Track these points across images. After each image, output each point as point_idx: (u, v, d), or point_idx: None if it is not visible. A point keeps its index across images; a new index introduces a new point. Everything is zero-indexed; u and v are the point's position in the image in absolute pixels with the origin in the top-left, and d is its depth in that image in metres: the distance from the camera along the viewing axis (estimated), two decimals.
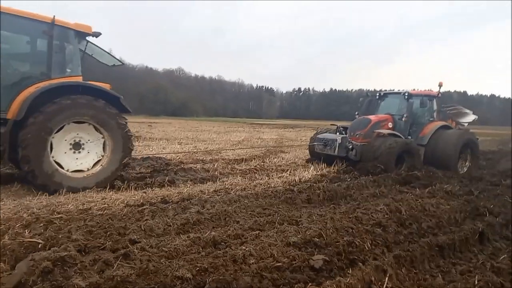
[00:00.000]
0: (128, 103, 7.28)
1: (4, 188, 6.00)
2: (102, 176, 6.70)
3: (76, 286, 2.91)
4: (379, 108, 12.27)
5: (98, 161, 6.79)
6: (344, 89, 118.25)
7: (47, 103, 6.12)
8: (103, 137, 6.79)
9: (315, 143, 11.39)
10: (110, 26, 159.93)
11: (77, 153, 6.59)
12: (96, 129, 6.72)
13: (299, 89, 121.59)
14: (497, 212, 5.96)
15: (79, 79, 6.91)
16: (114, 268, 3.29)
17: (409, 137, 11.16)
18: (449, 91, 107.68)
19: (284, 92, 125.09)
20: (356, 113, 12.30)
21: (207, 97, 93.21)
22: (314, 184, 7.32)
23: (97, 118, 6.59)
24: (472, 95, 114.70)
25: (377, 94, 12.48)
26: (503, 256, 4.07)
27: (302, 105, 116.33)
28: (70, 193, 5.91)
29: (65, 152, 6.47)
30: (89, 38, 7.36)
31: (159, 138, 17.51)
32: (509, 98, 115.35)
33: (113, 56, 8.74)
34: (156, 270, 3.31)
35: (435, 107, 11.83)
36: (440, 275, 3.79)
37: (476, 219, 5.78)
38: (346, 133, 11.10)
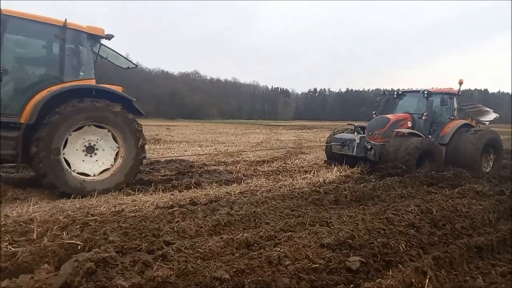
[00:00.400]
0: (145, 107, 7.27)
1: (37, 191, 6.13)
2: (112, 181, 6.58)
3: (119, 287, 2.95)
4: (397, 107, 11.98)
5: (110, 166, 6.69)
6: (361, 89, 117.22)
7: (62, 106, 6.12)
8: (116, 142, 6.72)
9: (332, 143, 11.16)
10: (127, 30, 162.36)
11: (90, 156, 6.55)
12: (110, 132, 6.65)
13: (315, 89, 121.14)
14: None
15: (93, 82, 6.88)
16: (154, 269, 3.32)
17: (429, 136, 10.85)
18: (469, 89, 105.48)
19: (300, 93, 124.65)
20: (374, 112, 12.04)
21: (222, 100, 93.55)
22: (340, 185, 7.27)
23: (111, 122, 6.54)
24: (494, 93, 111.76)
25: (395, 93, 12.16)
26: None
27: (317, 106, 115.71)
28: (101, 195, 6.00)
29: (83, 160, 6.47)
30: (103, 41, 7.35)
31: (179, 141, 17.67)
32: None
33: (126, 59, 8.74)
34: (194, 271, 3.33)
35: (455, 105, 11.56)
36: (480, 277, 3.71)
37: (510, 219, 5.65)
38: (364, 133, 10.87)
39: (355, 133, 10.99)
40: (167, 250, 3.73)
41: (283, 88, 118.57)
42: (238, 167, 9.62)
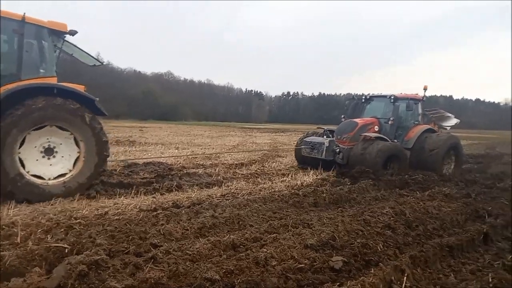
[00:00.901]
0: (116, 107, 7.13)
1: None
2: (74, 183, 6.29)
3: None
4: (365, 111, 12.28)
5: (68, 170, 6.36)
6: (333, 94, 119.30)
7: (17, 105, 5.76)
8: (76, 142, 6.40)
9: (302, 147, 11.35)
10: (98, 29, 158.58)
11: (49, 159, 6.22)
12: (67, 132, 6.33)
13: (288, 93, 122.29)
14: (496, 214, 6.20)
15: (54, 80, 6.49)
16: (145, 271, 3.39)
17: (395, 140, 11.20)
18: (435, 95, 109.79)
19: (273, 96, 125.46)
20: (342, 116, 12.29)
21: (196, 101, 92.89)
22: (318, 188, 7.50)
23: (68, 121, 6.18)
24: (458, 99, 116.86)
25: (363, 97, 12.42)
26: None
27: (291, 109, 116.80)
28: (84, 198, 5.95)
29: (37, 160, 6.10)
30: (70, 38, 7.07)
31: (154, 143, 17.50)
32: (493, 102, 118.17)
33: (92, 56, 8.43)
34: (185, 272, 3.43)
35: (420, 110, 11.96)
36: (452, 274, 3.98)
37: (477, 221, 6.02)
38: (333, 137, 11.10)
39: (324, 137, 11.25)
40: (156, 253, 3.79)
41: (257, 91, 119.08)
42: (217, 170, 9.70)
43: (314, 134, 12.09)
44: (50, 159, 6.25)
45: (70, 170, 6.40)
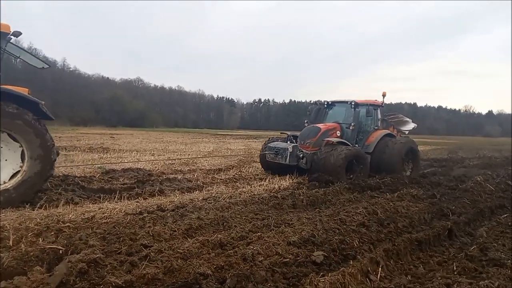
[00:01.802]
0: (83, 113, 6.97)
1: None
2: (18, 189, 5.96)
3: (113, 284, 3.19)
4: (327, 116, 12.50)
5: (15, 173, 6.06)
6: (303, 100, 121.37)
7: None
8: (20, 147, 6.07)
9: (266, 152, 11.35)
10: (64, 33, 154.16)
11: None
12: (12, 138, 6.03)
13: (259, 100, 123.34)
14: (459, 212, 6.74)
15: None
16: (141, 268, 3.58)
17: (356, 145, 11.50)
18: (400, 102, 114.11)
19: (245, 103, 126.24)
20: (305, 121, 12.44)
21: (166, 108, 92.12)
22: (295, 191, 7.84)
23: (10, 125, 5.87)
24: (422, 106, 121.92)
25: (325, 103, 12.61)
26: (473, 247, 4.74)
27: (262, 116, 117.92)
28: (69, 204, 6.00)
29: None
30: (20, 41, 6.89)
31: (129, 149, 17.38)
32: (454, 109, 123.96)
33: (39, 59, 8.28)
34: (179, 268, 3.65)
35: (379, 116, 12.31)
36: (421, 265, 4.40)
37: (442, 219, 6.52)
38: (296, 142, 11.25)
39: (288, 142, 11.37)
40: (148, 252, 3.98)
41: (228, 98, 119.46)
42: (196, 175, 9.88)
43: (279, 139, 12.23)
44: None
45: (13, 175, 6.05)
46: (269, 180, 9.65)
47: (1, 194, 5.78)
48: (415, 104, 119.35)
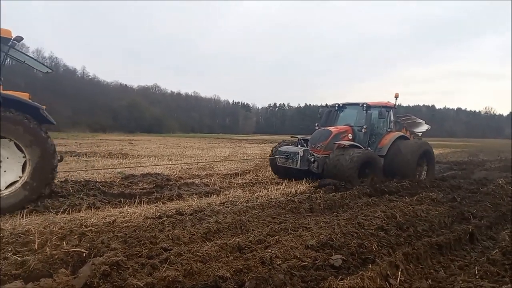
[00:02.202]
0: (102, 120, 6.99)
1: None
2: (19, 195, 5.95)
3: (135, 286, 3.26)
4: (338, 119, 12.25)
5: (15, 181, 6.02)
6: (319, 104, 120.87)
7: None
8: (22, 153, 6.07)
9: (276, 156, 11.09)
10: (83, 42, 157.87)
11: None
12: (15, 145, 6.03)
13: (275, 104, 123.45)
14: (480, 216, 6.61)
15: None
16: (162, 271, 3.65)
17: (369, 148, 11.18)
18: (418, 105, 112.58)
19: (260, 107, 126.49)
20: (316, 124, 12.19)
21: (182, 114, 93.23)
22: (312, 195, 7.84)
23: (10, 131, 5.87)
24: (440, 108, 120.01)
25: (336, 106, 12.35)
26: (496, 251, 4.65)
27: (277, 121, 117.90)
28: (91, 208, 6.15)
29: None
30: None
31: (147, 155, 17.65)
32: (474, 111, 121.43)
33: (44, 64, 8.35)
34: (199, 271, 3.71)
35: (392, 118, 12.03)
36: (442, 270, 4.34)
37: (463, 222, 6.41)
38: (307, 146, 11.02)
39: (299, 146, 11.11)
40: (168, 255, 4.05)
41: (244, 103, 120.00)
42: (213, 180, 9.97)
43: (290, 143, 11.98)
44: None
45: (15, 182, 6.02)
46: (285, 184, 9.66)
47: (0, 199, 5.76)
48: (433, 106, 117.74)
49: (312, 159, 10.44)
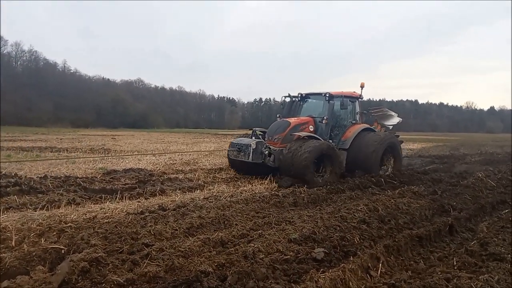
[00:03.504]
0: (85, 116, 6.96)
1: (2, 202, 6.02)
2: None
3: (115, 282, 3.21)
4: (302, 110, 11.47)
5: None
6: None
7: None
8: None
9: (229, 149, 10.48)
10: (64, 34, 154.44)
11: None
12: None
13: (260, 99, 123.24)
14: (460, 208, 6.74)
15: None
16: (143, 266, 3.61)
17: (330, 140, 10.46)
18: (401, 99, 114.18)
19: (246, 102, 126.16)
20: (278, 115, 11.49)
21: (167, 109, 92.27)
22: (296, 189, 7.84)
23: None
24: (423, 103, 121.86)
25: (299, 96, 11.56)
26: (474, 242, 4.75)
27: (263, 115, 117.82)
28: (71, 204, 6.03)
29: None
30: None
31: (130, 150, 17.44)
32: (456, 106, 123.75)
33: None
34: (180, 266, 3.68)
35: (357, 109, 11.35)
36: (422, 261, 4.41)
37: (443, 215, 6.52)
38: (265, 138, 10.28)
39: (253, 138, 10.40)
40: (149, 251, 4.01)
41: (229, 97, 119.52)
42: (197, 175, 9.89)
43: (247, 136, 11.18)
44: None
45: None
46: (270, 179, 9.65)
47: None
48: (416, 101, 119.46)
49: (267, 152, 9.67)
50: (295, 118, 10.79)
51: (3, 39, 65.56)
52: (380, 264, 4.04)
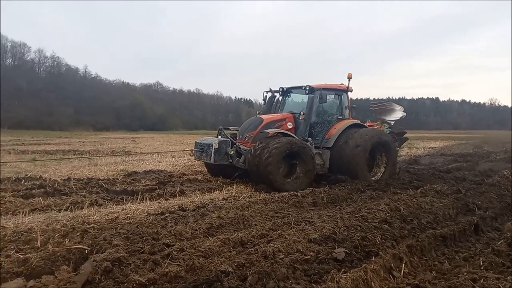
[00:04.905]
0: (105, 119, 7.05)
1: (27, 204, 6.20)
2: None
3: (137, 282, 3.25)
4: (284, 106, 10.50)
5: None
6: None
7: None
8: None
9: (193, 149, 9.69)
10: (85, 40, 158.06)
11: None
12: None
13: (278, 100, 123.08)
14: (485, 207, 6.56)
15: None
16: (164, 266, 3.64)
17: (310, 138, 9.29)
18: (422, 97, 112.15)
19: (263, 103, 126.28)
20: (258, 112, 10.52)
21: (185, 111, 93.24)
22: (315, 189, 7.78)
23: None
24: (444, 101, 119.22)
25: (280, 90, 10.48)
26: (501, 242, 4.60)
27: None
28: (94, 205, 6.15)
29: None
30: None
31: (150, 152, 17.66)
32: (479, 103, 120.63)
33: None
34: (201, 266, 3.69)
35: (345, 103, 10.10)
36: (446, 261, 4.30)
37: (467, 214, 6.36)
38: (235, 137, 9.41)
39: (219, 137, 9.45)
40: (170, 251, 4.04)
41: (246, 98, 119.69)
42: None
43: (220, 135, 9.92)
44: None
45: None
46: None
47: None
48: (437, 99, 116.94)
49: (232, 152, 8.72)
50: (271, 115, 9.87)
51: (27, 46, 67.41)
52: (403, 265, 3.96)
